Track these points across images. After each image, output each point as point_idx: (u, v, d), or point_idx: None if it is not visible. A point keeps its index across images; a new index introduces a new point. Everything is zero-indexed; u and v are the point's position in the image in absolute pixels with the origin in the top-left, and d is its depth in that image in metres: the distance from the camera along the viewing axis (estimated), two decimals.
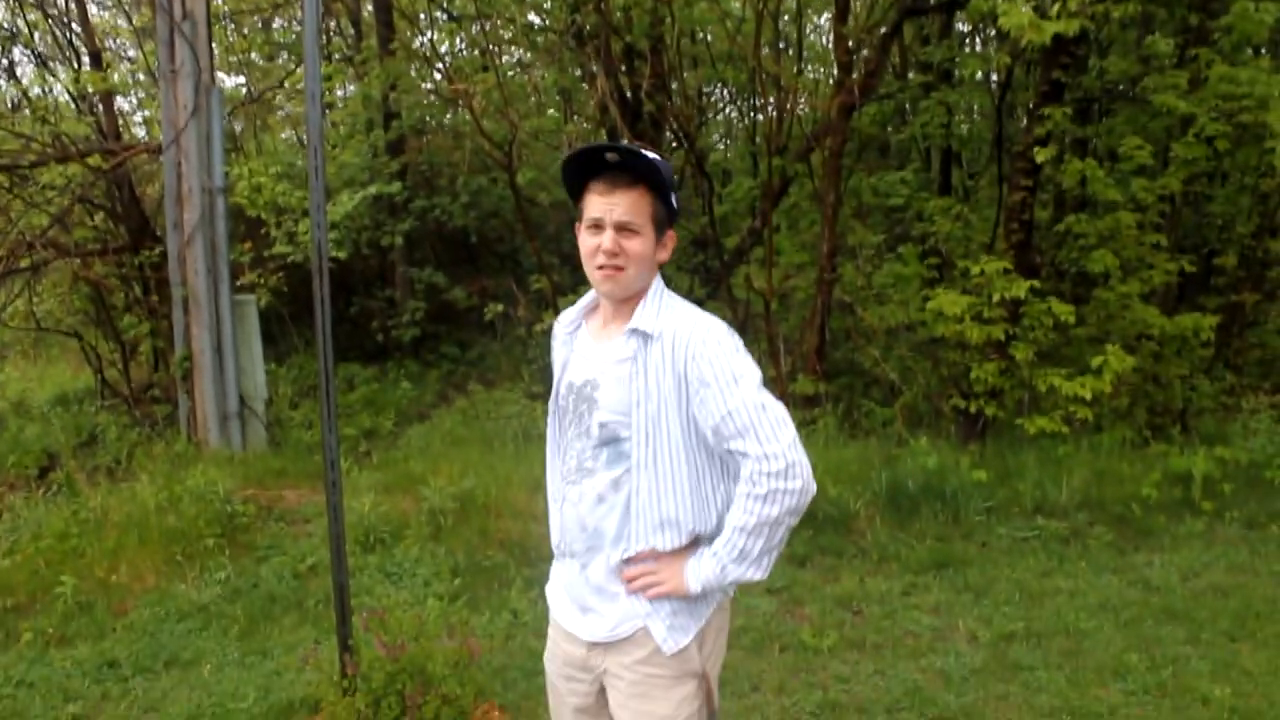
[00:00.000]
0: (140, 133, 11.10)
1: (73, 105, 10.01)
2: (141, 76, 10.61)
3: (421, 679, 3.64)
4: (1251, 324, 8.94)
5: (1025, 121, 7.58)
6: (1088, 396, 6.46)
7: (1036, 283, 6.95)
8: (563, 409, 2.34)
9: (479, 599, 5.09)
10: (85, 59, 9.61)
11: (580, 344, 2.34)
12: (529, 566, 5.34)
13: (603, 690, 2.35)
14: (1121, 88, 8.50)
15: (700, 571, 2.19)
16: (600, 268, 2.20)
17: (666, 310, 2.22)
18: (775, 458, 2.09)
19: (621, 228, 2.17)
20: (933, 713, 3.98)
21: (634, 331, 2.20)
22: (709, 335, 2.16)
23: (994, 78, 10.15)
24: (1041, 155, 6.92)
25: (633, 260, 2.19)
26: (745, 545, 2.14)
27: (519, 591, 5.06)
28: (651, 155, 2.17)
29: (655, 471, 2.19)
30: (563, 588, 2.38)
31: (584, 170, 2.20)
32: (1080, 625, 4.72)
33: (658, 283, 2.28)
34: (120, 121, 10.32)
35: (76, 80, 9.23)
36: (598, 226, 2.19)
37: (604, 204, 2.18)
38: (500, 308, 9.17)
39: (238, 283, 8.38)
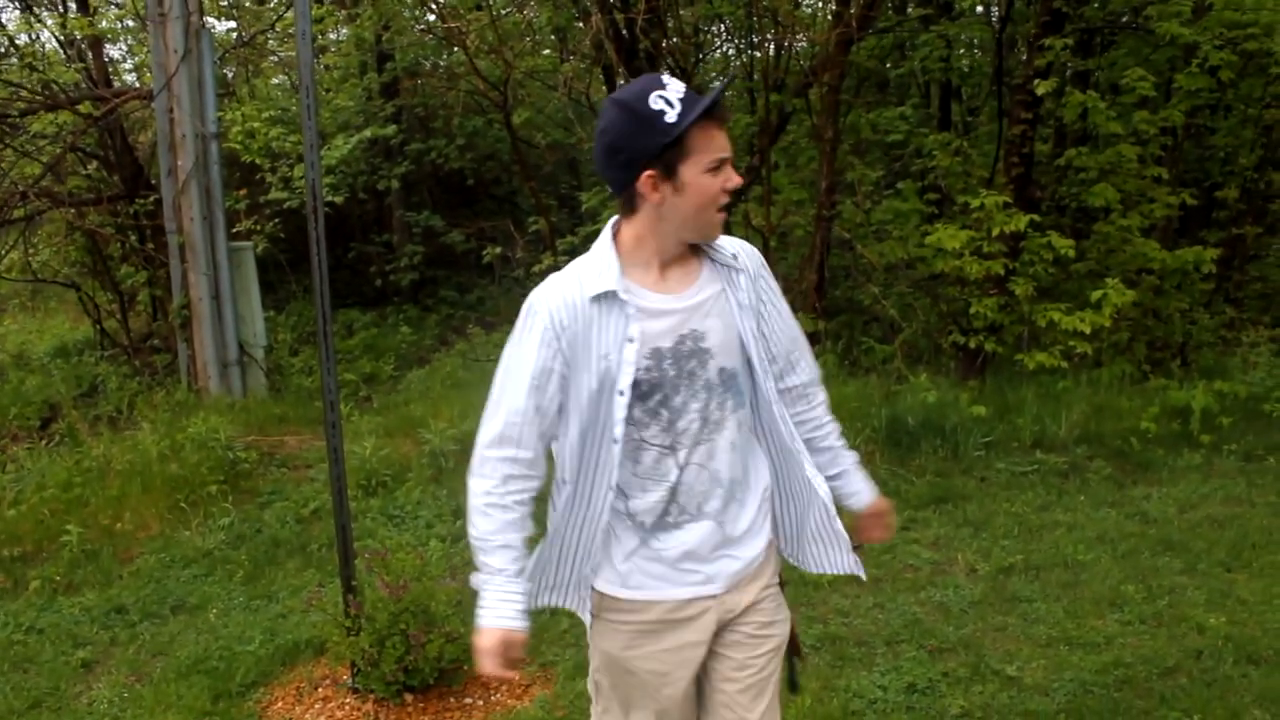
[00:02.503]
0: (131, 79, 10.98)
1: (61, 52, 9.90)
2: (130, 22, 10.46)
3: (425, 618, 3.68)
4: (1253, 257, 8.89)
5: (1025, 54, 7.48)
6: (1087, 331, 6.45)
7: (1036, 217, 6.90)
8: (652, 382, 2.05)
9: None
10: (72, 4, 9.49)
11: (643, 306, 2.04)
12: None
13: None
14: (1125, 19, 8.37)
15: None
16: (722, 209, 2.05)
17: None
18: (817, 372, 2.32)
19: (733, 162, 2.06)
20: (932, 644, 4.02)
21: (721, 265, 2.12)
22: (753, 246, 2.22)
23: (994, 10, 10.02)
24: (1042, 87, 6.84)
25: None
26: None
27: None
28: None
29: (758, 393, 2.18)
30: (672, 563, 2.15)
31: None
32: (1078, 557, 4.76)
33: None
34: (110, 68, 10.21)
35: (64, 26, 9.11)
36: (720, 166, 2.01)
37: (725, 141, 2.02)
38: (498, 250, 9.13)
39: (234, 230, 8.36)
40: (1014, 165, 7.33)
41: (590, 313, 2.02)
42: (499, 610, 2.09)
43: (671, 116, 1.94)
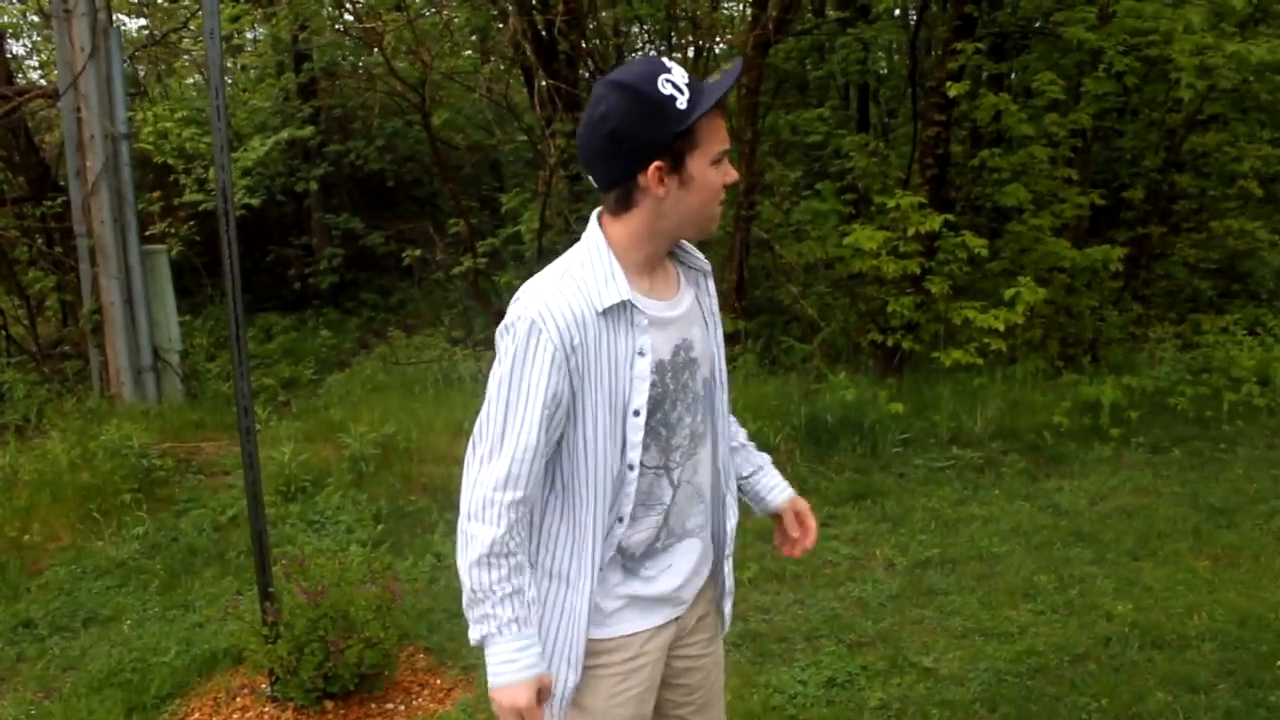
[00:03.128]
0: (36, 76, 10.68)
1: None
2: (35, 18, 10.18)
3: (344, 624, 3.64)
4: (1159, 256, 9.16)
5: (939, 57, 7.63)
6: (1001, 328, 6.60)
7: (951, 217, 7.05)
8: (655, 398, 1.90)
9: (402, 544, 5.08)
10: None
11: (655, 317, 1.90)
12: (451, 510, 5.31)
13: None
14: (1036, 24, 8.58)
15: None
16: (719, 204, 1.90)
17: None
18: None
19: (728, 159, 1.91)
20: (851, 638, 4.08)
21: (690, 270, 2.03)
22: None
23: (910, 14, 10.19)
24: (955, 90, 6.99)
25: None
26: None
27: (442, 535, 5.06)
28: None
29: (715, 404, 2.08)
30: (658, 590, 2.02)
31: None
32: (993, 550, 4.87)
33: None
34: (14, 65, 9.92)
35: None
36: (722, 158, 1.86)
37: (725, 134, 1.88)
38: (418, 252, 9.05)
39: (147, 232, 8.16)
40: (929, 166, 7.48)
41: (600, 328, 1.82)
42: (523, 660, 1.83)
43: (683, 103, 1.77)
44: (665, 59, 1.86)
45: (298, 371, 8.67)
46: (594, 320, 1.81)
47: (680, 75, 1.80)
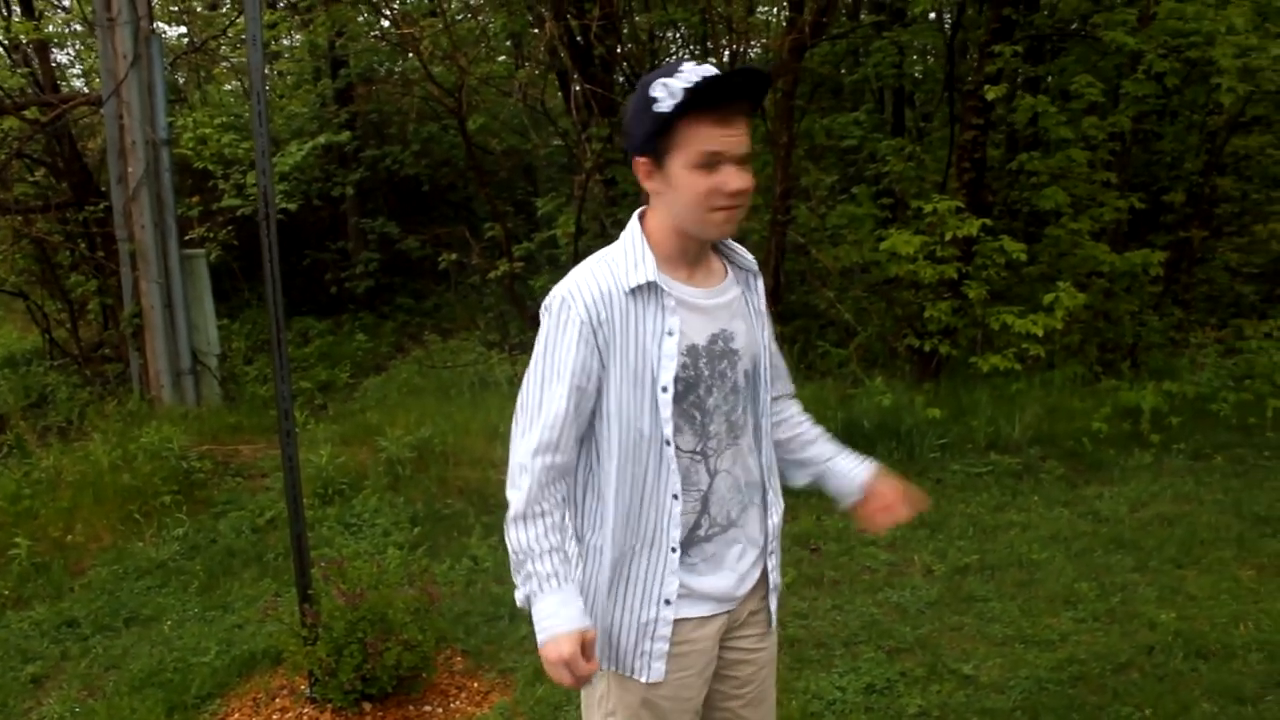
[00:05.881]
0: (80, 84, 10.83)
1: (6, 57, 9.74)
2: (79, 26, 10.32)
3: (382, 626, 3.65)
4: (1199, 260, 9.05)
5: (976, 60, 7.58)
6: (1040, 334, 6.53)
7: (989, 221, 6.98)
8: (688, 381, 1.97)
9: (439, 547, 5.10)
10: (16, 8, 9.34)
11: (679, 302, 1.97)
12: (488, 513, 5.35)
13: None
14: (1074, 26, 8.50)
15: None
16: (720, 209, 1.91)
17: None
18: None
19: (742, 161, 1.91)
20: (889, 645, 4.05)
21: (740, 269, 2.10)
22: None
23: (946, 17, 10.13)
24: (992, 93, 6.93)
25: (748, 197, 1.95)
26: None
27: (478, 538, 5.07)
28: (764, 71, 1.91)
29: (760, 402, 2.13)
30: (697, 581, 2.04)
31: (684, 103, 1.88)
32: (1032, 557, 4.82)
33: None
34: (58, 73, 10.06)
35: (8, 30, 8.97)
36: (713, 164, 1.88)
37: (723, 136, 1.87)
38: (454, 256, 9.09)
39: (187, 237, 8.25)
40: (966, 170, 7.42)
41: (628, 306, 1.92)
42: (565, 614, 1.90)
43: (664, 106, 1.84)
44: (691, 62, 1.89)
45: (334, 375, 8.73)
46: (622, 298, 1.92)
47: (689, 78, 1.84)
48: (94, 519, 5.47)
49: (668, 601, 2.01)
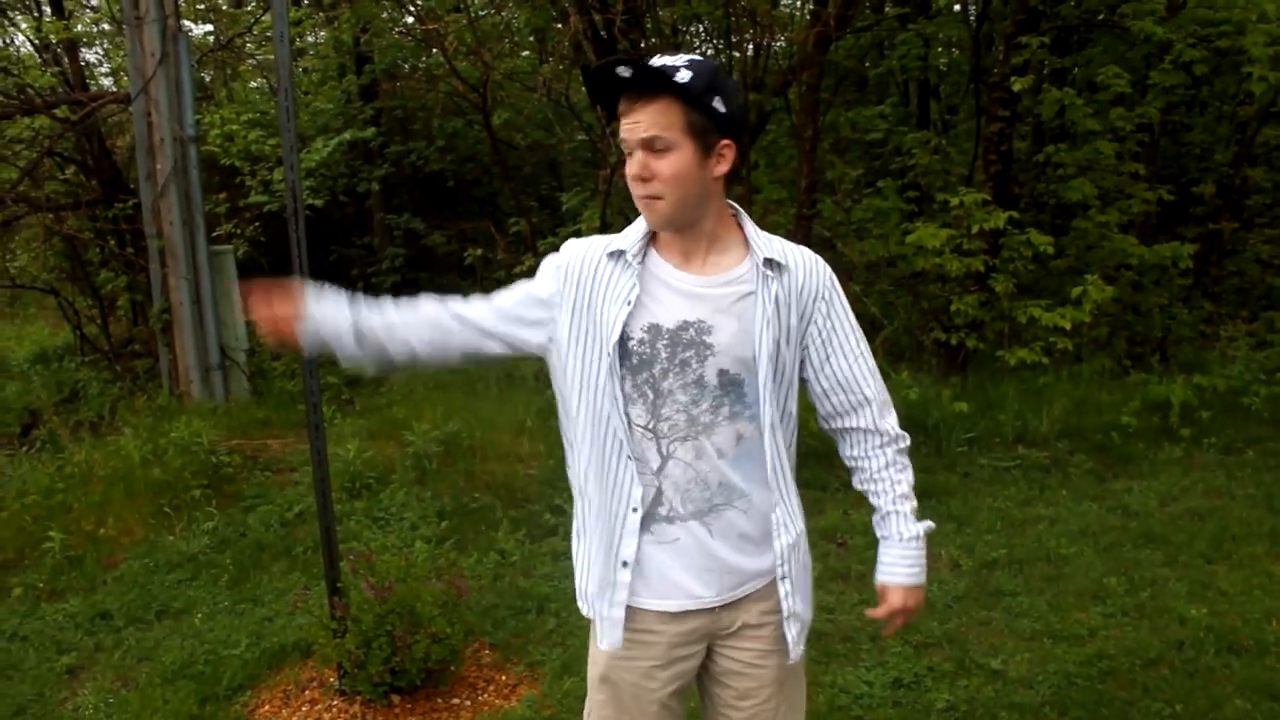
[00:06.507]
0: (108, 83, 10.92)
1: (37, 56, 9.83)
2: (107, 26, 10.40)
3: (410, 619, 3.68)
4: (1229, 252, 8.97)
5: (1002, 52, 7.53)
6: (1067, 327, 6.50)
7: (1015, 214, 6.95)
8: (642, 356, 1.97)
9: (466, 540, 5.12)
10: (47, 8, 9.43)
11: (658, 276, 1.99)
12: (515, 507, 5.37)
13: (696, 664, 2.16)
14: (1100, 16, 8.44)
15: (919, 568, 2.15)
16: (641, 197, 1.93)
17: (766, 234, 2.05)
18: (892, 406, 2.13)
19: (648, 146, 1.89)
20: (917, 639, 4.04)
21: (769, 262, 1.99)
22: (825, 262, 2.09)
23: (971, 8, 10.06)
24: (1018, 84, 6.89)
25: (668, 183, 1.90)
26: (915, 503, 2.13)
27: (506, 532, 5.09)
28: (666, 61, 1.88)
29: (782, 414, 2.03)
30: (661, 564, 2.03)
31: (612, 94, 1.92)
32: (1061, 551, 4.79)
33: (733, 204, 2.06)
34: (86, 72, 10.15)
35: (39, 29, 9.05)
36: (629, 152, 1.92)
37: (626, 125, 1.90)
38: (479, 252, 9.12)
39: (214, 233, 8.31)
40: (992, 162, 7.38)
41: (604, 269, 1.99)
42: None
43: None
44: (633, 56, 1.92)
45: (360, 370, 8.76)
46: (602, 260, 2.00)
47: (625, 70, 1.87)
48: (125, 513, 5.52)
49: (625, 564, 2.02)
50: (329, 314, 2.08)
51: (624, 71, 1.87)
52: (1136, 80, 7.71)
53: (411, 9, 9.45)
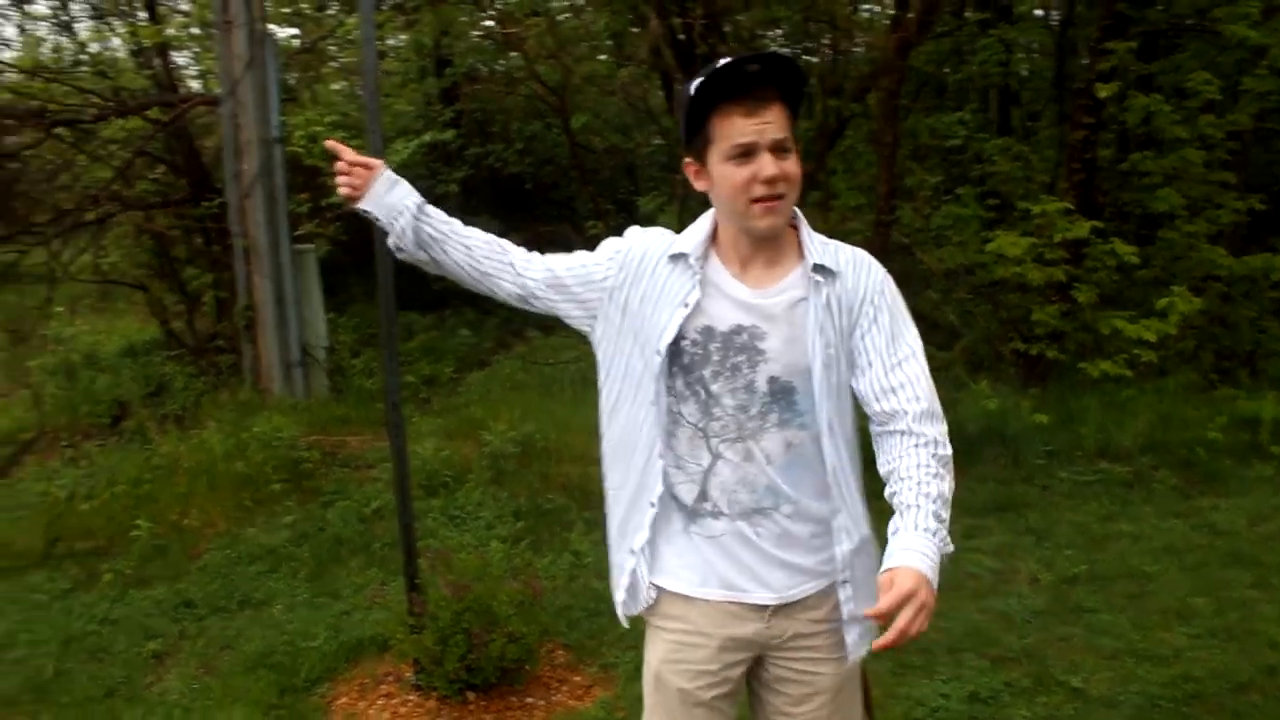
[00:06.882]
0: (197, 85, 11.18)
1: (130, 59, 10.10)
2: (197, 30, 10.66)
3: (487, 618, 3.71)
4: None
5: (1087, 58, 7.39)
6: (1152, 339, 6.36)
7: (1099, 223, 6.82)
8: (694, 357, 1.97)
9: (541, 541, 5.16)
10: (142, 13, 9.68)
11: (715, 282, 1.98)
12: (590, 509, 5.39)
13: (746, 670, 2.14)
14: (1190, 21, 8.25)
15: (932, 562, 1.82)
16: (758, 200, 1.88)
17: (819, 238, 2.02)
18: (940, 417, 1.97)
19: (778, 148, 1.87)
20: (994, 653, 3.99)
21: (818, 268, 1.96)
22: (879, 265, 2.05)
23: (1055, 14, 9.90)
24: (1104, 90, 6.76)
25: (793, 185, 1.90)
26: (945, 515, 1.87)
27: (580, 534, 5.12)
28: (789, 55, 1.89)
29: (840, 420, 1.99)
30: (708, 556, 2.03)
31: (709, 95, 1.88)
32: (1144, 568, 4.69)
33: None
34: (176, 75, 10.40)
35: (133, 34, 9.30)
36: (748, 154, 1.86)
37: (753, 126, 1.85)
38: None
39: (297, 233, 8.47)
40: (1076, 171, 7.25)
41: (662, 268, 2.00)
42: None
43: (692, 101, 1.87)
44: (733, 56, 1.86)
45: (438, 369, 8.86)
46: (662, 260, 2.00)
47: (706, 71, 1.85)
48: (209, 505, 5.66)
49: (631, 551, 2.08)
50: (402, 188, 2.20)
51: (754, 68, 1.85)
52: (1227, 86, 7.51)
53: (492, 12, 9.55)
